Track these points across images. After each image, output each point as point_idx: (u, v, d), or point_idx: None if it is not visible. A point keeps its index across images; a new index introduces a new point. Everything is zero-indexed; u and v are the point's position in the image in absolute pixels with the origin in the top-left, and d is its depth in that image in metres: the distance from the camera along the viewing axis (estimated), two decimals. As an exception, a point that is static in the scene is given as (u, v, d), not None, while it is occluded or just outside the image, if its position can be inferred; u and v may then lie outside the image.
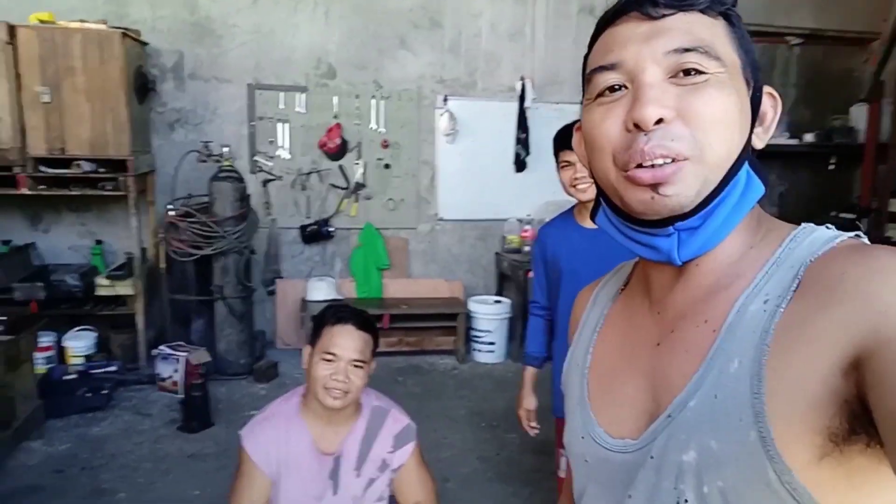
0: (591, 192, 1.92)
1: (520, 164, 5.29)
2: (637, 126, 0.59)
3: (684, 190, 0.58)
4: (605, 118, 0.62)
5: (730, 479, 0.54)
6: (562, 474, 2.21)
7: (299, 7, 4.86)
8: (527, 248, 4.99)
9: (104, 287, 4.13)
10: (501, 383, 4.39)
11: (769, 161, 5.00)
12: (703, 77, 0.59)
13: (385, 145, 5.07)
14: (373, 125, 5.05)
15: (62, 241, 4.63)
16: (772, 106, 0.65)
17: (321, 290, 4.75)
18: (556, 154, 1.99)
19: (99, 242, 4.59)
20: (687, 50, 0.59)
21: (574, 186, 1.93)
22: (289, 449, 1.69)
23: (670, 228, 0.60)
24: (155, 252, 4.51)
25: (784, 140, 5.10)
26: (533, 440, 3.57)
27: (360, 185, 5.07)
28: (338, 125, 4.96)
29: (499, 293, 5.27)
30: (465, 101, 5.18)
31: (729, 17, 0.62)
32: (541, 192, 5.25)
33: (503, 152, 5.28)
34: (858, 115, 5.36)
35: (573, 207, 2.09)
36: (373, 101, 5.03)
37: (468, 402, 4.06)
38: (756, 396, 0.53)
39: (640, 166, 0.59)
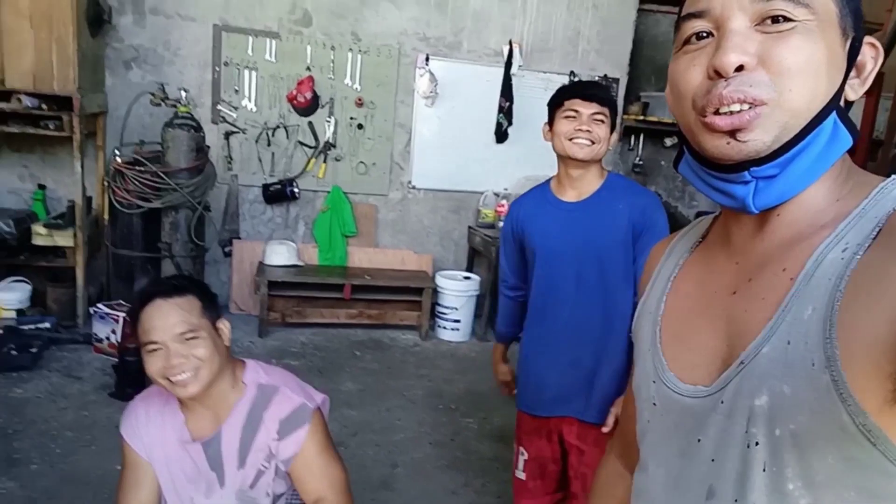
0: (587, 152, 1.72)
1: (501, 135, 5.02)
2: (717, 73, 0.59)
3: (761, 136, 0.58)
4: (689, 66, 0.63)
5: (803, 422, 0.54)
6: (520, 475, 1.99)
7: (274, -55, 4.48)
8: (501, 224, 4.76)
9: (41, 236, 3.81)
10: (464, 363, 4.19)
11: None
12: (789, 24, 0.58)
13: (359, 104, 4.76)
14: (347, 81, 4.73)
15: (1, 184, 4.27)
16: (872, 57, 0.63)
17: (280, 255, 4.47)
18: (560, 104, 1.76)
19: (42, 187, 4.25)
20: None
21: (572, 140, 1.73)
22: (164, 435, 1.44)
23: (746, 174, 0.60)
24: (101, 201, 4.18)
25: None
26: (491, 427, 3.43)
27: (329, 145, 4.76)
28: (310, 78, 4.62)
29: (469, 269, 5.04)
30: (448, 62, 4.87)
31: None
32: (521, 166, 5.01)
33: (484, 121, 5.00)
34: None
35: (550, 179, 1.88)
36: (349, 55, 4.70)
37: (427, 382, 3.86)
38: (828, 341, 0.53)
39: (717, 112, 0.59)
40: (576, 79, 5.06)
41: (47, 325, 3.67)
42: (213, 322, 1.41)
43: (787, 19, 0.58)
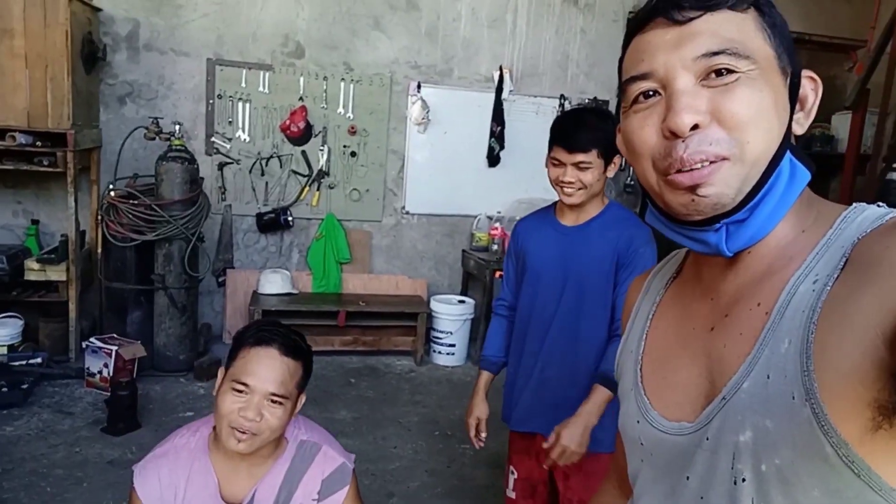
0: (576, 198, 1.73)
1: (493, 159, 5.05)
2: (673, 133, 0.60)
3: (723, 189, 0.59)
4: (642, 125, 0.63)
5: (787, 456, 0.54)
6: (510, 494, 2.00)
7: (265, -21, 4.55)
8: (495, 247, 4.77)
9: (34, 271, 3.81)
10: (459, 388, 4.16)
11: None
12: (733, 76, 0.59)
13: (352, 132, 4.80)
14: (340, 110, 4.77)
15: (-6, 220, 4.30)
16: (812, 89, 0.65)
17: (274, 283, 4.47)
18: (550, 146, 1.78)
19: (35, 222, 4.27)
20: (716, 53, 0.59)
21: (560, 186, 1.75)
22: (188, 496, 1.37)
23: (717, 224, 0.61)
24: (94, 235, 4.20)
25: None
26: (488, 453, 3.37)
27: (323, 173, 4.79)
28: (303, 108, 4.67)
29: (463, 293, 5.04)
30: (439, 89, 4.93)
31: (759, 6, 0.62)
32: (513, 189, 5.03)
33: (476, 145, 5.04)
34: (840, 124, 5.19)
35: (556, 203, 1.89)
36: (342, 84, 4.75)
37: (422, 409, 3.83)
38: (806, 374, 0.54)
39: (679, 171, 0.60)
40: (565, 102, 5.11)
41: (38, 360, 3.66)
42: (300, 393, 1.40)
43: (730, 71, 0.59)
